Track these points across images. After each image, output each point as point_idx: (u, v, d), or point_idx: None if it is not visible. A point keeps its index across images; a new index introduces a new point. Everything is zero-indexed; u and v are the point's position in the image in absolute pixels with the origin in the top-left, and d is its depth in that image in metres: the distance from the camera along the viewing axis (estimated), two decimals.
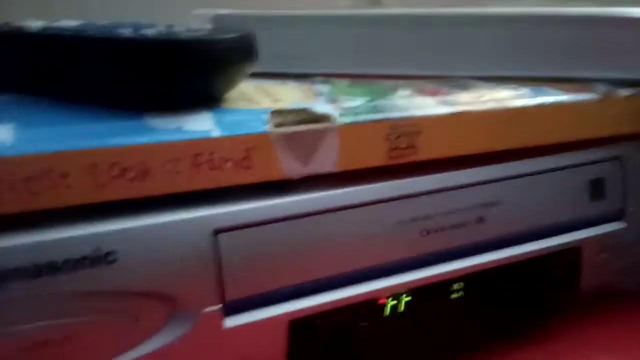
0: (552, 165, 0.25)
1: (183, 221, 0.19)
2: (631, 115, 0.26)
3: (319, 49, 0.29)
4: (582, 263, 0.26)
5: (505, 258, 0.24)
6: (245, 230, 0.19)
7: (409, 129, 0.22)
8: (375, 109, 0.22)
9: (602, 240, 0.27)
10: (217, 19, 0.29)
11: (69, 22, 0.25)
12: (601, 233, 0.26)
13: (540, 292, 0.26)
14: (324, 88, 0.25)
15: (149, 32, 0.21)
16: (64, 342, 0.17)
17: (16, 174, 0.17)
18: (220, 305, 0.19)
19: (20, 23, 0.25)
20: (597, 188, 0.26)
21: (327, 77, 0.28)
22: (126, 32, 0.21)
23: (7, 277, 0.16)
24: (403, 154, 0.22)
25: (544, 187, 0.25)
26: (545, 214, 0.25)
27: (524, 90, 0.24)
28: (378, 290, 0.22)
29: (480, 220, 0.24)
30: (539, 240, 0.25)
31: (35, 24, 0.24)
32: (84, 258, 0.17)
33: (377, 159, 0.22)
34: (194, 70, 0.20)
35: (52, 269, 0.17)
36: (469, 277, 0.24)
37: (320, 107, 0.21)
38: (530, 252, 0.25)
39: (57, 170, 0.17)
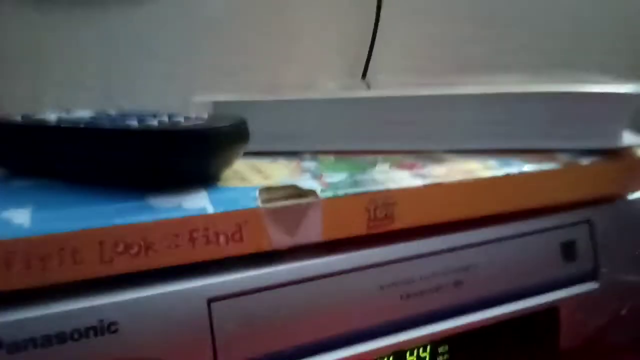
0: (525, 230, 0.27)
1: (179, 292, 0.20)
2: (593, 181, 0.28)
3: (307, 129, 0.32)
4: (561, 322, 0.28)
5: (485, 319, 0.26)
6: (237, 299, 0.21)
7: (386, 201, 0.24)
8: (355, 184, 0.24)
9: (578, 300, 0.28)
10: (215, 105, 0.32)
11: (83, 113, 0.28)
12: (576, 293, 0.28)
13: (521, 351, 0.27)
14: (311, 164, 0.28)
15: (153, 122, 0.24)
16: None
17: (32, 252, 0.19)
18: None
19: (38, 115, 0.28)
20: (569, 250, 0.28)
21: (314, 154, 0.30)
22: (133, 123, 0.23)
23: (19, 348, 0.18)
24: (381, 224, 0.24)
25: (518, 250, 0.27)
26: (520, 276, 0.27)
27: (491, 162, 0.27)
28: (363, 353, 0.23)
29: (458, 283, 0.25)
30: (516, 302, 0.27)
31: (52, 115, 0.27)
32: (89, 328, 0.19)
33: (358, 229, 0.24)
34: (193, 156, 0.23)
35: (60, 339, 0.19)
36: (452, 339, 0.25)
37: (306, 183, 0.24)
38: (508, 313, 0.26)
39: (68, 248, 0.19)
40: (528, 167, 0.27)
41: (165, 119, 0.25)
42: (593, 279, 0.29)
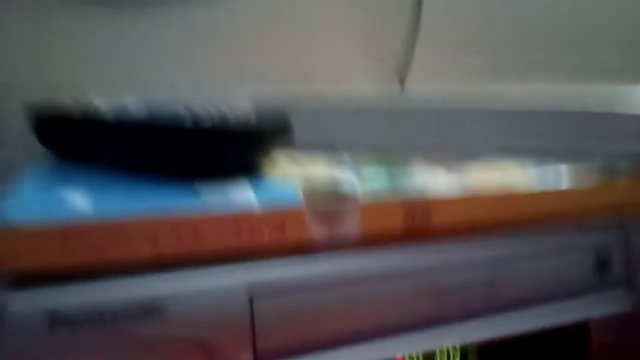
0: (559, 242, 0.28)
1: (224, 281, 0.21)
2: (629, 193, 0.28)
3: (346, 127, 0.33)
4: (592, 337, 0.28)
5: (515, 329, 0.26)
6: (277, 292, 0.22)
7: (423, 207, 0.25)
8: (394, 188, 0.25)
9: (610, 316, 0.28)
10: (258, 99, 0.33)
11: (133, 105, 0.29)
12: (609, 310, 0.28)
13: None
14: (349, 161, 0.29)
15: (205, 119, 0.24)
16: None
17: (90, 233, 0.20)
18: (252, 357, 0.22)
19: (93, 105, 0.29)
20: (602, 264, 0.28)
21: (352, 150, 0.31)
22: (187, 120, 0.24)
23: (76, 324, 0.19)
24: (418, 228, 0.25)
25: (550, 261, 0.27)
26: (553, 288, 0.27)
27: (528, 164, 0.27)
28: (396, 350, 0.24)
29: (491, 289, 0.26)
30: (548, 314, 0.27)
31: (105, 107, 0.28)
32: (139, 309, 0.20)
33: (395, 231, 0.24)
34: (240, 150, 0.24)
35: (113, 318, 0.20)
36: (481, 349, 0.26)
37: (346, 184, 0.24)
38: (539, 324, 0.27)
39: (123, 231, 0.20)
40: (564, 175, 0.27)
41: (215, 113, 0.25)
42: (626, 289, 0.29)
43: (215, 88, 0.41)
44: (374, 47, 0.51)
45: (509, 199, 0.26)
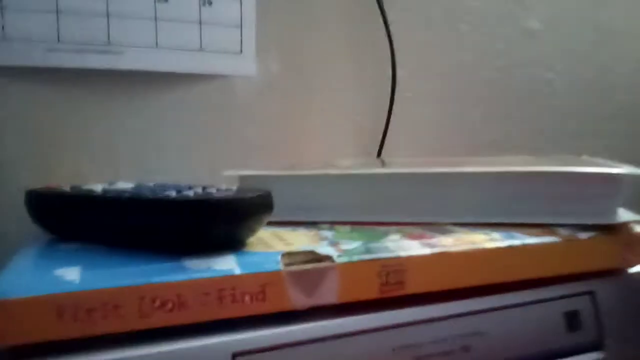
0: (530, 299, 0.29)
1: (207, 346, 0.22)
2: (592, 254, 0.30)
3: (325, 201, 0.35)
4: None
5: None
6: (259, 354, 0.23)
7: (397, 267, 0.26)
8: (368, 251, 0.26)
9: None
10: (242, 178, 0.36)
11: (124, 185, 0.32)
12: None
13: None
14: (328, 234, 0.30)
15: (189, 193, 0.27)
16: None
17: (80, 306, 0.21)
18: None
19: (86, 186, 0.31)
20: (572, 320, 0.30)
21: (331, 224, 0.33)
22: (172, 193, 0.26)
23: None
24: (393, 289, 0.26)
25: (523, 318, 0.29)
26: (526, 344, 0.28)
27: (495, 234, 0.29)
28: None
29: (466, 348, 0.27)
30: None
31: (97, 187, 0.31)
32: None
33: (371, 292, 0.26)
34: (224, 223, 0.25)
35: None
36: None
37: (323, 249, 0.26)
38: None
39: (111, 302, 0.22)
40: (530, 240, 0.29)
41: (200, 190, 0.28)
42: (598, 349, 0.30)
43: (203, 174, 0.43)
44: (357, 127, 0.55)
45: (477, 254, 0.27)
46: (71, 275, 0.22)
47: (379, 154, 0.55)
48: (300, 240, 0.29)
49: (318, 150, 0.53)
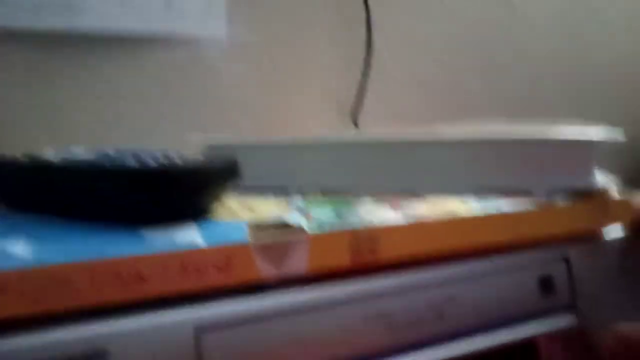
0: (504, 265, 0.28)
1: (169, 322, 0.21)
2: (567, 219, 0.29)
3: (297, 168, 0.34)
4: (540, 355, 0.28)
5: (466, 351, 0.27)
6: (224, 329, 0.22)
7: (370, 236, 0.25)
8: (340, 219, 0.25)
9: (556, 334, 0.29)
10: (210, 146, 0.34)
11: (82, 153, 0.30)
12: (554, 327, 0.29)
13: None
14: (298, 201, 0.29)
15: (150, 161, 0.25)
16: None
17: (27, 282, 0.20)
18: None
19: (37, 153, 0.29)
20: (546, 285, 0.29)
21: (302, 192, 0.32)
22: (132, 162, 0.25)
23: None
24: (365, 258, 0.25)
25: (497, 284, 0.28)
26: (500, 309, 0.28)
27: (471, 201, 0.28)
28: None
29: (440, 315, 0.26)
30: (496, 333, 0.27)
31: (50, 154, 0.29)
32: (80, 356, 0.20)
33: (342, 262, 0.25)
34: (187, 192, 0.24)
35: None
36: None
37: (293, 218, 0.25)
38: (489, 345, 0.27)
39: (63, 278, 0.20)
40: (506, 207, 0.28)
41: (161, 158, 0.26)
42: (571, 312, 0.30)
43: (171, 140, 0.41)
44: (331, 95, 0.53)
45: (453, 223, 0.27)
46: (18, 249, 0.21)
47: (354, 120, 0.54)
48: (269, 209, 0.28)
49: (291, 117, 0.52)
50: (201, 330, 0.22)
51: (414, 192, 0.31)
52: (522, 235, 0.29)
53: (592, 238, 0.31)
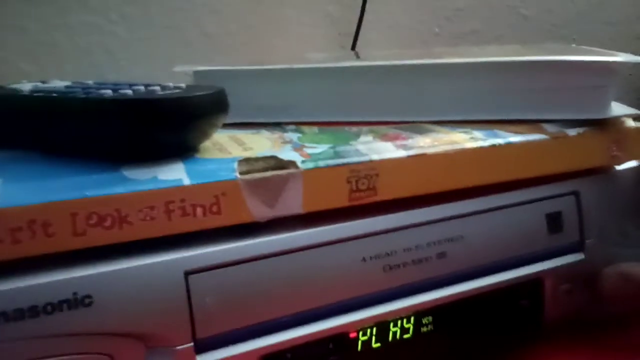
0: (511, 201, 0.27)
1: (155, 264, 0.20)
2: (581, 152, 0.28)
3: (291, 99, 0.31)
4: (545, 294, 0.28)
5: (469, 291, 0.26)
6: (214, 271, 0.21)
7: (368, 172, 0.23)
8: (336, 155, 0.24)
9: (563, 272, 0.28)
10: (197, 74, 0.32)
11: (58, 83, 0.28)
12: (561, 265, 0.28)
13: (505, 323, 0.27)
14: (293, 136, 0.27)
15: (128, 91, 0.23)
16: None
17: (1, 225, 0.18)
18: (192, 344, 0.20)
19: (13, 85, 0.27)
20: (554, 222, 0.28)
21: (297, 125, 0.30)
22: (108, 92, 0.23)
23: None
24: (364, 196, 0.23)
25: (503, 222, 0.27)
26: (505, 248, 0.27)
27: (477, 133, 0.26)
28: (346, 324, 0.23)
29: (442, 255, 0.25)
30: (501, 273, 0.26)
31: (26, 86, 0.27)
32: (63, 302, 0.19)
33: (339, 201, 0.23)
34: (169, 126, 0.22)
35: (33, 312, 0.18)
36: (436, 311, 0.25)
37: (286, 154, 0.23)
38: (493, 284, 0.26)
39: (39, 220, 0.19)
40: (515, 138, 0.26)
41: (142, 88, 0.24)
42: (579, 250, 0.29)
43: (157, 73, 0.39)
44: (329, 18, 0.50)
45: (457, 156, 0.25)
46: None
47: (353, 46, 0.51)
48: (261, 144, 0.26)
49: (286, 44, 0.48)
50: (191, 273, 0.21)
51: (417, 122, 0.29)
52: (530, 169, 0.27)
53: (603, 171, 0.29)
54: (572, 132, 0.28)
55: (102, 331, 0.19)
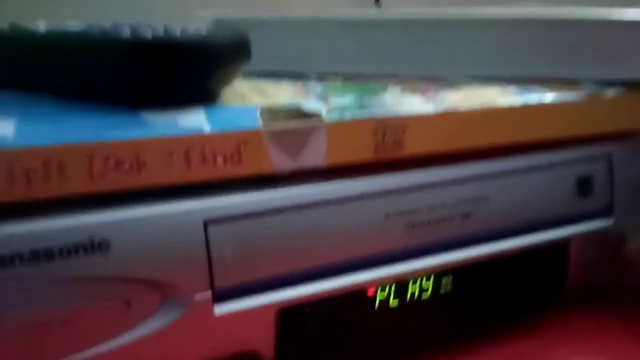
0: (541, 163, 0.26)
1: (174, 213, 0.19)
2: (617, 114, 0.26)
3: (315, 50, 0.30)
4: (570, 259, 0.27)
5: (492, 253, 0.25)
6: (234, 221, 0.20)
7: (396, 126, 0.22)
8: (363, 107, 0.22)
9: (590, 237, 0.27)
10: (217, 21, 0.30)
11: (73, 24, 0.27)
12: (588, 230, 0.27)
13: (527, 287, 0.27)
14: (317, 87, 0.26)
15: (147, 33, 0.22)
16: (60, 325, 0.18)
17: (15, 165, 0.18)
18: (210, 293, 0.20)
19: (26, 25, 0.26)
20: (585, 185, 0.27)
21: (321, 76, 0.29)
22: (126, 33, 0.22)
23: (5, 262, 0.17)
24: (390, 150, 0.23)
25: (532, 183, 0.26)
26: (533, 210, 0.26)
27: (511, 89, 0.25)
28: (366, 281, 0.23)
29: (467, 215, 0.24)
30: (526, 236, 0.26)
31: (42, 25, 0.26)
32: (78, 246, 0.18)
33: (364, 154, 0.22)
34: (189, 70, 0.21)
35: (48, 255, 0.18)
36: (456, 271, 0.25)
37: (310, 104, 0.22)
38: (517, 247, 0.25)
39: (55, 162, 0.18)
40: (549, 97, 0.25)
41: (161, 30, 0.23)
42: (608, 215, 0.28)
43: (174, 15, 0.37)
44: None
45: (488, 112, 0.24)
46: (3, 128, 0.18)
47: (377, 1, 0.49)
48: (283, 93, 0.25)
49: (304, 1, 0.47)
50: (210, 222, 0.20)
51: (447, 78, 0.27)
52: (564, 129, 0.26)
53: (637, 134, 0.28)
54: (609, 92, 0.26)
55: (118, 277, 0.19)
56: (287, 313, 0.22)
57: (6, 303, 0.17)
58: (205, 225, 0.20)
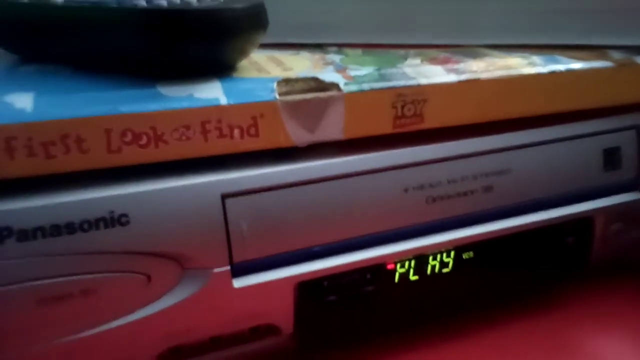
0: (566, 134, 0.25)
1: (192, 186, 0.19)
2: None
3: (334, 19, 0.29)
4: (594, 233, 0.26)
5: (514, 227, 0.24)
6: (252, 195, 0.20)
7: (415, 97, 0.22)
8: (382, 78, 0.22)
9: (616, 211, 0.26)
10: None
11: None
12: (614, 203, 0.26)
13: (550, 262, 0.26)
14: (335, 57, 0.26)
15: (163, 2, 0.21)
16: (82, 297, 0.18)
17: (34, 139, 0.18)
18: (229, 267, 0.20)
19: None
20: (612, 157, 0.26)
21: (340, 46, 0.28)
22: (141, 2, 0.21)
23: (27, 236, 0.17)
24: (409, 122, 0.22)
25: (556, 156, 0.25)
26: (557, 184, 0.25)
27: (536, 58, 0.24)
28: (385, 255, 0.23)
29: (488, 189, 0.24)
30: (549, 210, 0.25)
31: None
32: (99, 219, 0.18)
33: (383, 127, 0.22)
34: (203, 39, 0.20)
35: (70, 229, 0.18)
36: (477, 246, 0.24)
37: (328, 76, 0.22)
38: (540, 221, 0.25)
39: (73, 135, 0.18)
40: (576, 65, 0.24)
41: (177, 0, 0.22)
42: (635, 189, 0.27)
43: None
44: None
45: (512, 82, 0.23)
46: (23, 102, 0.18)
47: None
48: (301, 65, 0.24)
49: None
50: (228, 196, 0.20)
51: (469, 46, 0.27)
52: (592, 98, 0.25)
53: None
54: (639, 60, 0.25)
55: (139, 250, 0.19)
56: (306, 287, 0.22)
57: (28, 276, 0.18)
58: (223, 198, 0.20)
